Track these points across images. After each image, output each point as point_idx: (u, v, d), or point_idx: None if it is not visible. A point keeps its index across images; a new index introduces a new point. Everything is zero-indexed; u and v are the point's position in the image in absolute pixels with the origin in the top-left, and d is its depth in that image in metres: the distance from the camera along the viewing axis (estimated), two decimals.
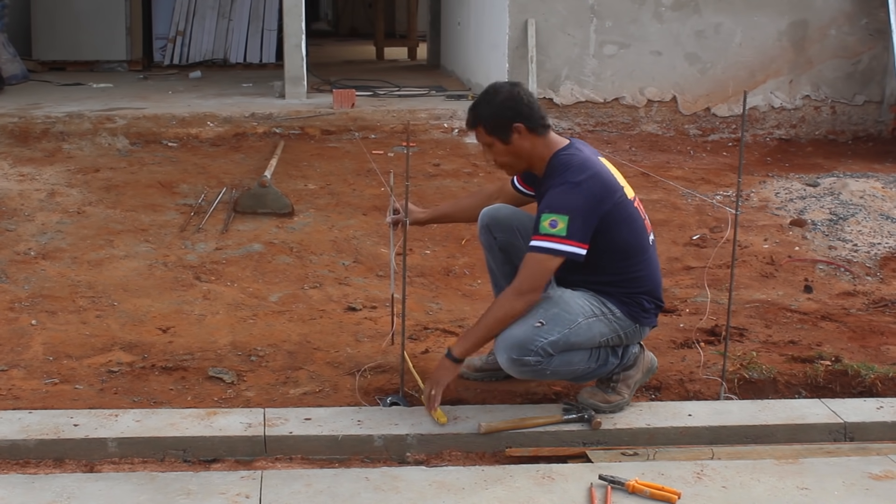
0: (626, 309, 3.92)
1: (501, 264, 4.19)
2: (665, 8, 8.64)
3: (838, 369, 4.46)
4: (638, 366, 4.05)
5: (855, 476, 3.65)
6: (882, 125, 8.91)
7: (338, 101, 8.82)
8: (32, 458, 3.68)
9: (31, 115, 8.23)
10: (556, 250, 3.73)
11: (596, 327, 3.87)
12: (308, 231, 6.16)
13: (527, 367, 3.79)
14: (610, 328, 3.91)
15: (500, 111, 3.85)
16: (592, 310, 3.87)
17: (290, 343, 4.71)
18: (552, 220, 3.72)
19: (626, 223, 3.86)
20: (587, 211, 3.74)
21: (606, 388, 4.01)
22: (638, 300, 3.94)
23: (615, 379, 4.00)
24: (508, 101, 3.86)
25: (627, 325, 3.94)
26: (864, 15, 8.75)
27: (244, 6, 12.36)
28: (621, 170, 4.09)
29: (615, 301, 3.91)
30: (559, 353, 3.81)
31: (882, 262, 5.93)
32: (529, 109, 3.86)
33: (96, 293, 5.23)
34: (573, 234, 3.72)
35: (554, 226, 3.72)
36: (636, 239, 3.90)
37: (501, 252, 4.17)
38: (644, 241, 3.94)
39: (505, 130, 3.85)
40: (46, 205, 6.43)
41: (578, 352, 3.87)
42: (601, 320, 3.88)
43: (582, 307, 3.86)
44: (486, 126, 3.88)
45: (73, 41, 11.64)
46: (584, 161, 3.84)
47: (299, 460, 3.76)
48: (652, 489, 3.46)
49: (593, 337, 3.88)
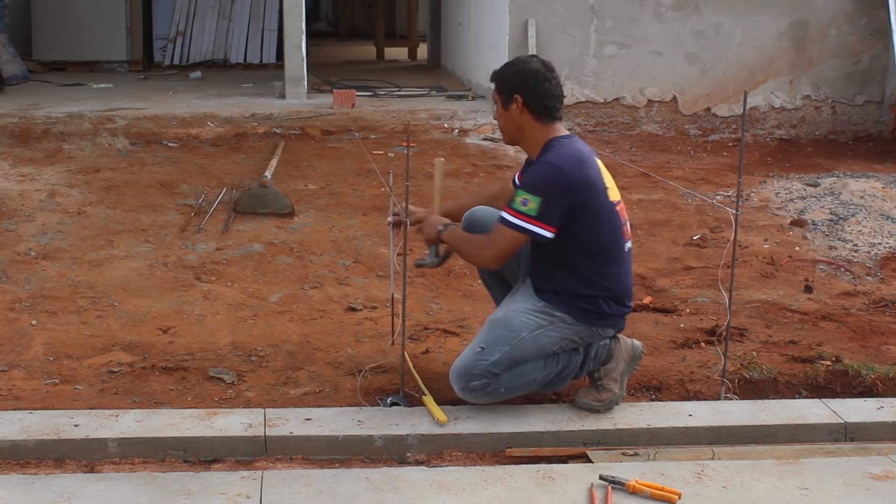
0: (579, 314, 3.89)
1: None
2: (665, 8, 8.64)
3: (839, 369, 4.46)
4: (616, 357, 4.01)
5: (855, 476, 3.65)
6: (882, 125, 8.91)
7: (338, 102, 8.82)
8: (33, 459, 3.68)
9: (32, 116, 8.23)
10: (523, 228, 3.79)
11: (543, 338, 3.87)
12: (308, 231, 6.16)
13: (476, 391, 3.85)
14: (560, 335, 3.90)
15: (510, 76, 3.95)
16: (537, 321, 3.87)
17: (291, 343, 4.71)
18: (525, 199, 3.77)
19: (602, 223, 3.86)
20: (561, 196, 3.76)
21: (597, 387, 4.01)
22: (595, 303, 3.90)
23: (597, 376, 3.99)
24: (522, 72, 3.94)
25: (581, 330, 3.92)
26: (865, 15, 8.75)
27: (244, 6, 12.37)
28: (621, 170, 4.11)
29: (565, 307, 3.89)
30: (506, 370, 3.84)
31: (882, 262, 5.93)
32: (536, 90, 3.89)
33: (97, 293, 5.23)
34: (542, 216, 3.76)
35: (525, 204, 3.77)
36: (609, 241, 3.89)
37: None
38: (617, 246, 3.92)
39: (507, 95, 3.94)
40: (47, 205, 6.43)
41: (529, 364, 3.88)
42: (549, 330, 3.88)
43: (525, 322, 3.87)
44: (497, 84, 4.00)
45: (74, 41, 11.64)
46: (575, 151, 3.86)
47: (300, 460, 3.76)
48: (652, 489, 3.46)
49: (542, 347, 3.88)
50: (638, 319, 5.09)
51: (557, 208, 3.76)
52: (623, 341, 4.05)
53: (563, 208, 3.77)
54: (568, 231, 3.81)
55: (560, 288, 3.90)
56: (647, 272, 5.76)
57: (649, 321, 5.06)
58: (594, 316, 3.92)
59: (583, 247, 3.85)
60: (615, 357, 4.01)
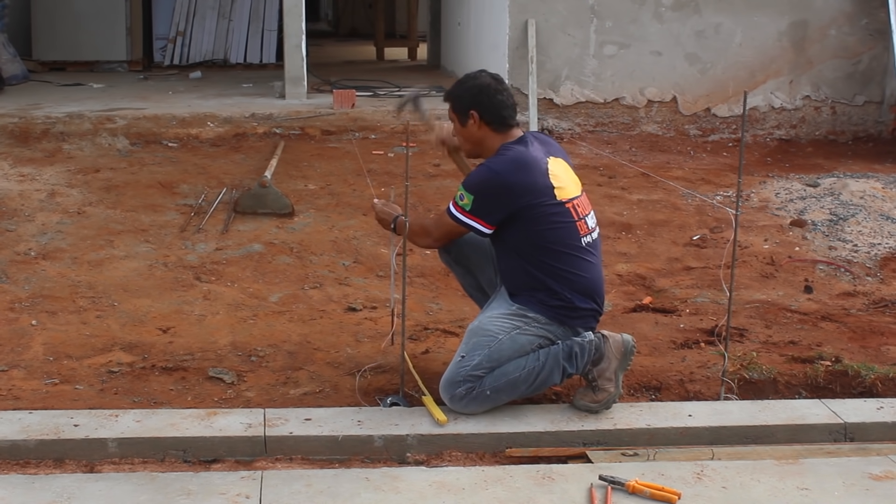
0: (551, 312, 3.98)
1: (464, 276, 4.39)
2: (665, 8, 8.64)
3: (838, 370, 4.46)
4: (607, 356, 4.03)
5: (855, 476, 3.65)
6: (882, 125, 8.92)
7: (338, 102, 8.82)
8: (33, 459, 3.68)
9: (32, 116, 8.23)
10: (459, 219, 4.00)
11: (520, 339, 3.96)
12: (308, 231, 6.16)
13: (463, 398, 3.93)
14: (536, 333, 3.98)
15: (463, 94, 4.10)
16: (513, 324, 3.97)
17: (291, 343, 4.71)
18: (461, 195, 3.98)
19: (545, 221, 3.95)
20: (493, 197, 3.93)
21: (592, 388, 4.05)
22: (566, 297, 3.98)
23: (591, 377, 4.03)
24: (474, 88, 4.08)
25: (555, 329, 4.01)
26: (864, 15, 8.75)
27: (244, 6, 12.36)
28: (621, 170, 4.12)
29: (538, 306, 3.98)
30: (488, 372, 3.92)
31: (882, 263, 5.93)
32: (490, 103, 4.04)
33: (96, 293, 5.23)
34: (476, 211, 3.95)
35: (462, 199, 3.98)
36: (558, 238, 3.98)
37: (458, 265, 4.36)
38: (572, 243, 4.00)
39: (463, 113, 4.08)
40: (47, 205, 6.43)
41: (510, 364, 3.94)
42: (524, 330, 3.97)
43: (501, 326, 3.97)
44: (452, 104, 4.15)
45: (74, 41, 11.63)
46: (517, 155, 3.99)
47: (299, 460, 3.76)
48: (652, 489, 3.46)
49: (522, 347, 3.96)
50: (638, 319, 5.09)
51: (492, 207, 3.94)
52: (612, 338, 4.07)
53: (498, 208, 3.94)
54: (513, 229, 3.97)
55: (527, 285, 4.00)
56: (647, 272, 5.76)
57: (649, 321, 5.06)
58: (565, 312, 4.00)
59: (532, 243, 3.97)
60: (606, 356, 4.03)
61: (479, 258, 4.26)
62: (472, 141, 4.13)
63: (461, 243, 4.23)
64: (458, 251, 4.29)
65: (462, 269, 4.36)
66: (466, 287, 4.45)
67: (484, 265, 4.27)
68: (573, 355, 3.98)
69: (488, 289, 4.29)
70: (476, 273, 4.31)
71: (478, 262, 4.28)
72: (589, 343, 4.00)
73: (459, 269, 4.38)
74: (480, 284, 4.33)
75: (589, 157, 7.80)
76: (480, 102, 4.04)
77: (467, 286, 4.44)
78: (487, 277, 4.28)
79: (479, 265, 4.28)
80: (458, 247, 4.26)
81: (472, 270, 4.32)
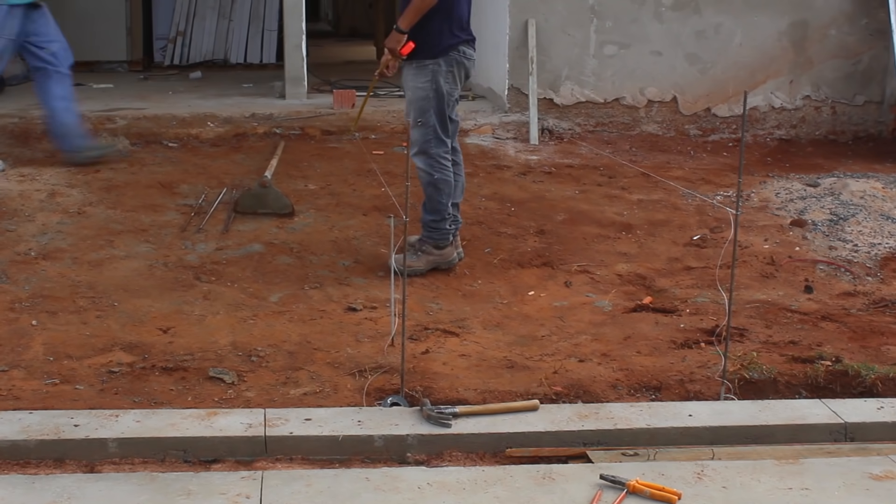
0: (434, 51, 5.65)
1: None
2: (665, 8, 8.64)
3: (839, 369, 4.46)
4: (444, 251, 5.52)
5: (855, 476, 3.65)
6: (882, 125, 8.91)
7: (338, 102, 8.82)
8: (33, 459, 3.68)
9: (32, 116, 8.22)
10: None
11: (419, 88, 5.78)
12: (308, 231, 6.16)
13: (421, 145, 5.52)
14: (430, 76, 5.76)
15: None
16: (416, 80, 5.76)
17: (291, 343, 4.71)
18: None
19: None
20: None
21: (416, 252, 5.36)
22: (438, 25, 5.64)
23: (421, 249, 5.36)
24: None
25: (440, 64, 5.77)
26: (864, 15, 8.75)
27: (244, 6, 12.36)
28: (621, 170, 4.12)
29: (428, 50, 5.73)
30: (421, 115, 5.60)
31: (882, 263, 5.93)
32: None
33: (97, 293, 5.23)
34: None
35: None
36: None
37: None
38: None
39: None
40: (47, 205, 6.43)
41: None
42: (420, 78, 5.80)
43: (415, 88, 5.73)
44: None
45: (73, 41, 11.51)
46: None
47: (300, 460, 3.76)
48: (652, 489, 3.46)
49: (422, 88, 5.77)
50: (638, 319, 5.09)
51: None
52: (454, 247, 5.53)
53: None
54: None
55: None
56: (647, 272, 5.76)
57: (649, 321, 5.06)
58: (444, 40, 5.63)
59: None
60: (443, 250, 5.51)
61: None
62: None
63: None
64: None
65: None
66: None
67: None
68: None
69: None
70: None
71: None
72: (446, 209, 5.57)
73: None
74: None
75: (589, 157, 7.80)
76: None
77: None
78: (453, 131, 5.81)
79: None
80: None
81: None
